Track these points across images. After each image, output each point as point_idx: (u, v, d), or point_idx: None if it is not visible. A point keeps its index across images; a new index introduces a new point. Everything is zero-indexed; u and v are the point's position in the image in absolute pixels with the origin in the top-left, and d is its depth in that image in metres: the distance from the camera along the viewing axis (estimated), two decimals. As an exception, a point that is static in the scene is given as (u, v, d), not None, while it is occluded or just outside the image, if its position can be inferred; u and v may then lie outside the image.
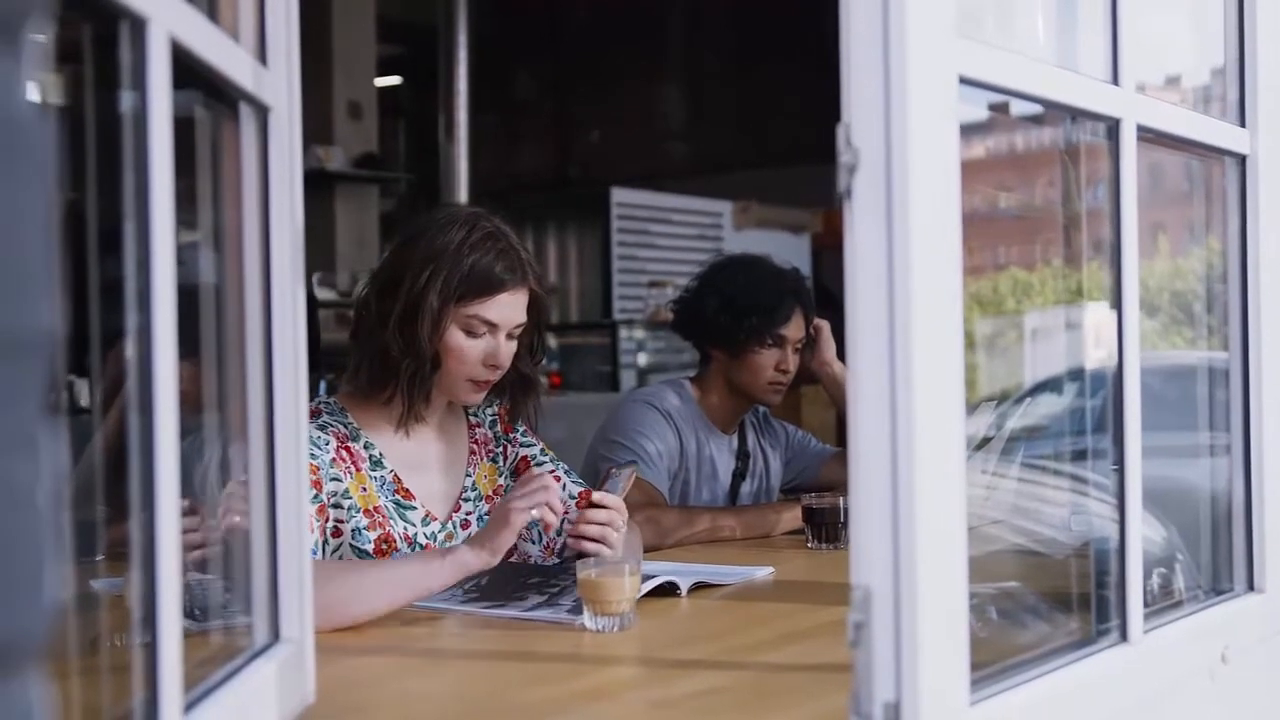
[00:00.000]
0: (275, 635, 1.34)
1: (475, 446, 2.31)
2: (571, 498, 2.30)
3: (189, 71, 1.09)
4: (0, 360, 0.53)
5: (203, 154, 1.30)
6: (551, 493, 1.95)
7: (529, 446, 2.37)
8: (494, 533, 1.93)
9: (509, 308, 2.15)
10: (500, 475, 2.32)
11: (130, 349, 0.99)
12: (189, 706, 1.07)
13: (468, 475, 2.28)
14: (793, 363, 2.93)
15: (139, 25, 0.97)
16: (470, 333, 2.14)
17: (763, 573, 2.29)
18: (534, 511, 1.92)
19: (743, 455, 3.06)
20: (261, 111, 1.31)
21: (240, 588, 1.36)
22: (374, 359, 2.14)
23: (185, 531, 1.35)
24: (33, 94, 0.58)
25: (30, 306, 0.55)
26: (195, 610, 1.30)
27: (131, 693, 1.03)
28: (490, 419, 2.36)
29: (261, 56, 1.32)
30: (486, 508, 2.27)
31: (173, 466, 1.00)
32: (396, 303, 2.11)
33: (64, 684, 0.94)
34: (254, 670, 1.26)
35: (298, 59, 1.37)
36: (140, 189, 0.99)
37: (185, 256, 1.08)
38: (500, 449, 2.34)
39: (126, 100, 1.00)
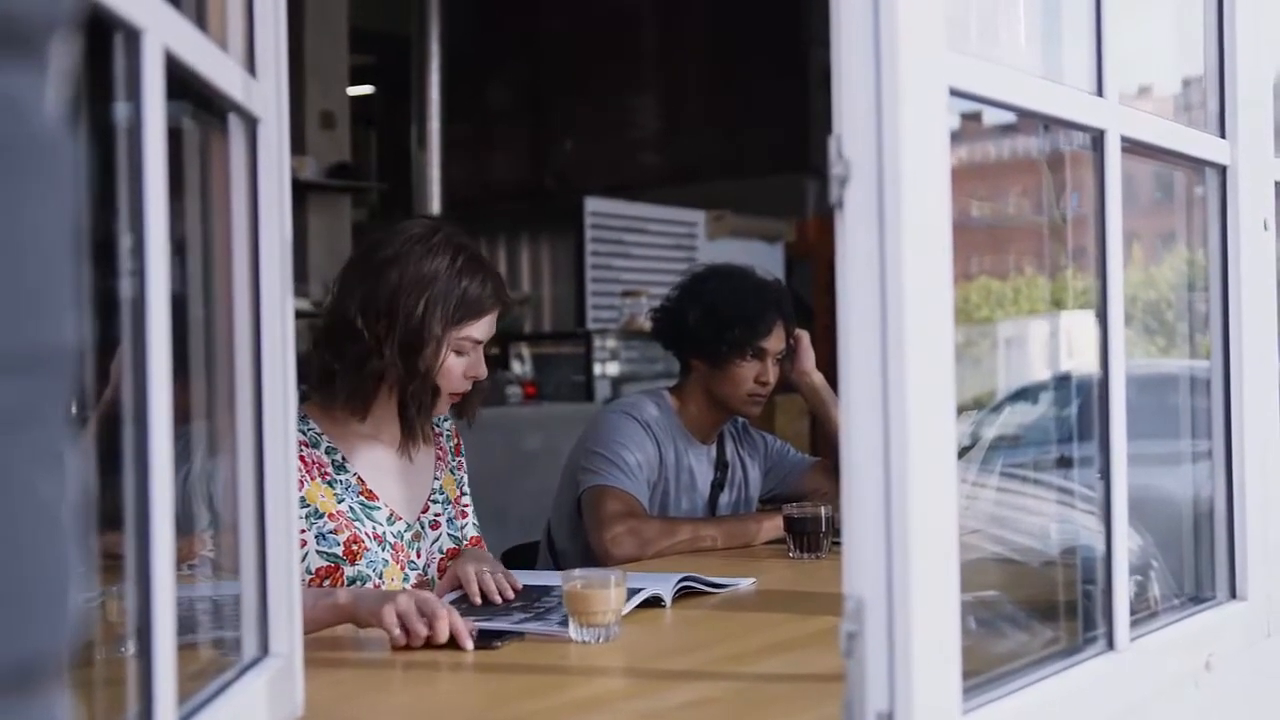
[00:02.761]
0: (264, 649, 1.34)
1: (440, 454, 2.39)
2: (440, 551, 2.31)
3: (179, 82, 1.09)
4: (26, 375, 0.53)
5: (190, 165, 1.30)
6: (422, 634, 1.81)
7: (465, 472, 2.45)
8: (363, 613, 1.85)
9: (491, 324, 2.25)
10: (457, 486, 2.40)
11: (125, 359, 0.98)
12: (181, 721, 1.07)
13: (435, 479, 2.35)
14: (773, 375, 2.93)
15: (134, 36, 0.97)
16: (459, 352, 2.21)
17: (746, 583, 2.29)
18: (395, 632, 1.78)
19: (721, 465, 3.06)
20: (250, 122, 1.31)
21: (228, 601, 1.35)
22: (368, 382, 2.18)
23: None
24: (57, 107, 0.58)
25: (55, 322, 0.55)
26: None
27: (121, 706, 1.03)
28: (446, 433, 2.43)
29: (250, 67, 1.31)
30: (453, 511, 2.35)
31: (166, 481, 1.00)
32: (392, 330, 2.15)
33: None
34: (244, 684, 1.26)
35: (285, 70, 1.37)
36: (135, 199, 0.98)
37: (172, 267, 1.07)
38: (455, 464, 2.42)
39: (120, 111, 0.99)
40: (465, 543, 2.37)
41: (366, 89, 9.58)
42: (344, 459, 2.21)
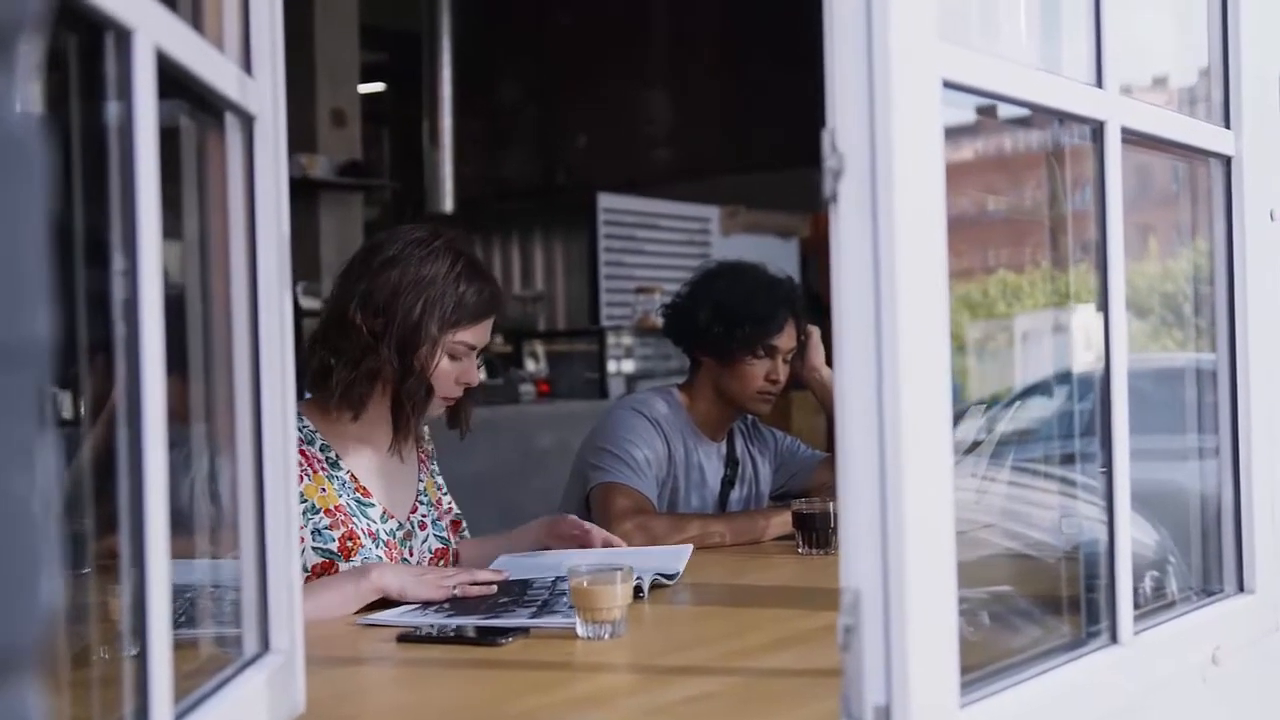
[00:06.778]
0: (265, 645, 1.34)
1: (423, 457, 2.42)
2: (429, 551, 2.36)
3: (173, 81, 1.09)
4: (-1, 370, 0.53)
5: (187, 164, 1.30)
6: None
7: (439, 476, 2.48)
8: (411, 584, 2.04)
9: (485, 331, 2.28)
10: (438, 489, 2.44)
11: (118, 360, 0.98)
12: (178, 717, 1.07)
13: (420, 480, 2.38)
14: (783, 372, 2.93)
15: (124, 36, 0.97)
16: (453, 356, 2.24)
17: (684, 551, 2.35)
18: (456, 591, 2.05)
19: (732, 462, 3.06)
20: (247, 121, 1.31)
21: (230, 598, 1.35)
22: (364, 379, 2.20)
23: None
24: (26, 105, 0.58)
25: (27, 316, 0.55)
26: (180, 618, 1.29)
27: (119, 704, 1.03)
28: (425, 439, 2.46)
29: (246, 66, 1.31)
30: (436, 514, 2.39)
31: (161, 477, 1.00)
32: (390, 328, 2.18)
33: (52, 696, 0.94)
34: (244, 680, 1.26)
35: (283, 68, 1.37)
36: (126, 199, 0.98)
37: (169, 267, 1.07)
38: (434, 469, 2.45)
39: (111, 110, 1.00)
40: (448, 532, 2.40)
41: (378, 86, 9.59)
42: (337, 457, 2.24)
